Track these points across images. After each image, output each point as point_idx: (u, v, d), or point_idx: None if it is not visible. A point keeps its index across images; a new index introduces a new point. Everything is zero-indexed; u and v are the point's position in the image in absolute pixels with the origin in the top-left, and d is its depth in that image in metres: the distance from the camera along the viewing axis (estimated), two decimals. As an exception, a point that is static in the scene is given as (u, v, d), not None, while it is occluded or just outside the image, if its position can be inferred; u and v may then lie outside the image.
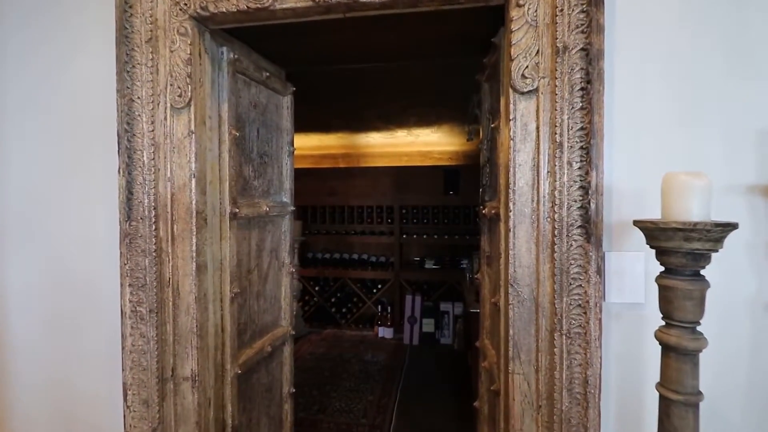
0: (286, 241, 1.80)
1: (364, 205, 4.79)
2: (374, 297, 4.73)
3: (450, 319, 4.30)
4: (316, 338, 4.48)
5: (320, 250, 5.13)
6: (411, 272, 4.63)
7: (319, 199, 4.84)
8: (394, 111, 2.90)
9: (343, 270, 4.75)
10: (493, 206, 1.36)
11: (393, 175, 4.70)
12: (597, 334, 0.92)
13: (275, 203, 1.69)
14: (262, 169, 1.63)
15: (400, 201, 4.67)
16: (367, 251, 5.07)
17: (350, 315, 4.75)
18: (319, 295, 4.84)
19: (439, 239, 4.60)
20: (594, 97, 0.93)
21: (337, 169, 4.85)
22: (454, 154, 5.04)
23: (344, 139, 4.15)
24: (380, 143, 4.49)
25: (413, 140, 4.35)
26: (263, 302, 1.64)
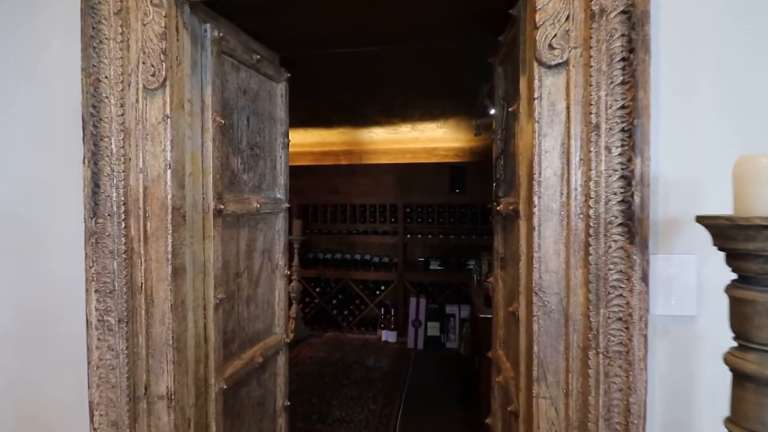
0: (281, 241, 1.66)
1: (366, 204, 4.65)
2: (377, 299, 4.59)
3: (456, 323, 4.15)
4: (317, 342, 4.35)
5: (321, 250, 5.00)
6: (415, 273, 4.48)
7: (321, 197, 4.71)
8: (397, 104, 2.76)
9: (345, 271, 4.61)
10: (509, 202, 1.21)
11: (396, 173, 4.56)
12: (642, 353, 0.78)
13: (268, 199, 1.55)
14: (253, 162, 1.49)
15: (404, 199, 4.52)
16: (370, 251, 4.93)
17: (352, 318, 4.61)
18: (320, 297, 4.71)
19: (444, 239, 4.46)
20: (638, 69, 0.78)
21: (339, 167, 4.71)
22: (460, 151, 4.89)
23: (346, 135, 4.02)
24: (383, 139, 4.35)
25: (417, 136, 4.20)
26: (254, 308, 1.51)
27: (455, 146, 4.80)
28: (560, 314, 0.85)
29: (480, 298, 2.63)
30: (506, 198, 1.33)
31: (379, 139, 4.37)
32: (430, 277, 4.44)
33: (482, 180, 4.39)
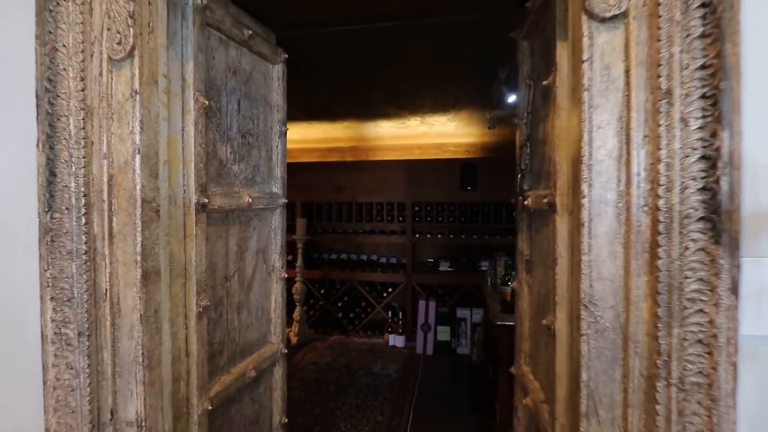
0: (277, 240, 1.51)
1: (373, 202, 4.49)
2: (384, 301, 4.43)
3: (467, 327, 3.97)
4: (321, 346, 4.20)
5: (326, 250, 4.85)
6: (424, 275, 4.31)
7: (325, 195, 4.56)
8: (405, 92, 2.59)
9: (351, 272, 4.46)
10: (540, 195, 1.04)
11: (405, 170, 4.39)
12: (730, 386, 0.60)
13: (262, 194, 1.40)
14: (245, 152, 1.34)
15: (413, 197, 4.35)
16: (377, 252, 4.77)
17: (358, 321, 4.46)
18: (325, 299, 4.57)
19: (455, 239, 4.28)
20: (724, 16, 0.60)
21: (345, 163, 4.56)
22: (471, 147, 4.71)
23: (351, 129, 3.86)
24: (391, 134, 4.19)
25: (427, 130, 4.03)
26: (246, 315, 1.36)
27: (466, 141, 4.62)
28: (617, 333, 0.68)
29: (495, 303, 2.45)
30: (535, 190, 1.15)
31: (387, 134, 4.21)
32: (440, 279, 4.27)
33: (495, 177, 4.21)
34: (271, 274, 1.49)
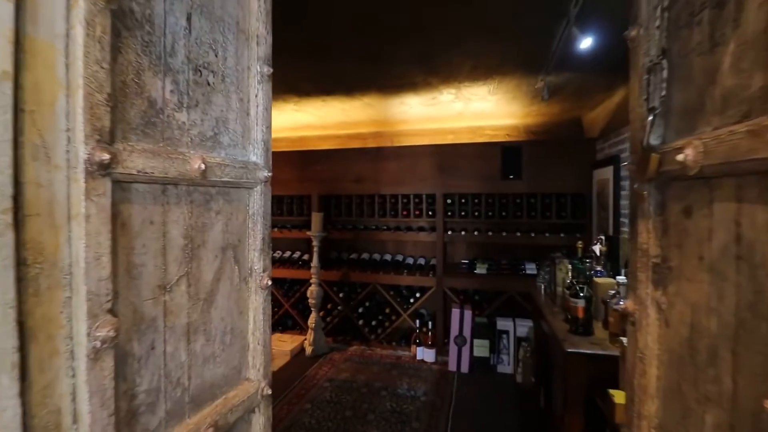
0: (257, 231, 1.07)
1: (398, 195, 4.02)
2: (411, 308, 3.95)
3: (510, 342, 3.43)
4: (339, 358, 3.78)
5: (345, 248, 4.43)
6: (458, 278, 3.79)
7: (344, 186, 4.13)
8: (437, 47, 2.09)
9: (373, 274, 4.01)
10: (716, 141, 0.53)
11: (435, 156, 3.89)
12: None
13: (231, 161, 0.96)
14: (202, 96, 0.91)
15: (444, 188, 3.84)
16: (403, 251, 4.30)
17: (381, 330, 4.00)
18: (344, 304, 4.14)
19: (494, 237, 3.73)
20: None
21: (366, 151, 4.11)
22: (513, 130, 4.14)
23: (372, 108, 3.40)
24: (419, 115, 3.70)
25: (462, 109, 3.51)
26: (204, 344, 0.92)
27: (507, 123, 4.06)
28: None
29: (558, 319, 1.92)
30: (690, 138, 0.64)
31: (414, 115, 3.72)
32: (476, 284, 3.74)
33: (542, 164, 3.63)
34: (247, 280, 1.06)
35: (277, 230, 4.41)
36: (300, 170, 4.25)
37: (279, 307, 4.43)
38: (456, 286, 3.80)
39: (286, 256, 4.49)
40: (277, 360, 3.81)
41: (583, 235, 3.50)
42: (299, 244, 4.53)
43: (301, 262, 4.36)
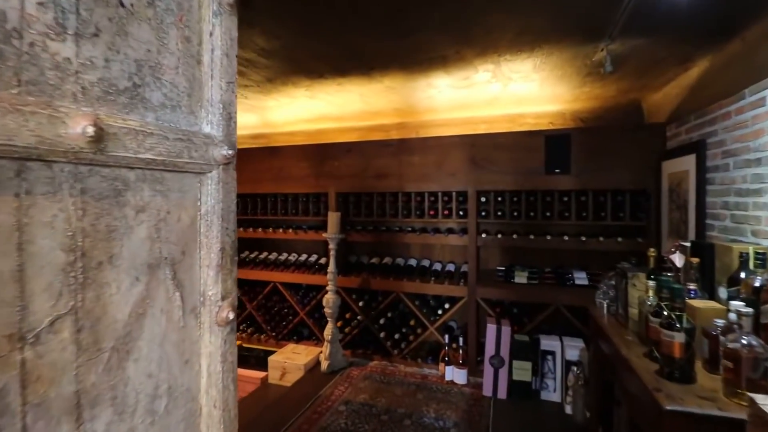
0: (213, 239, 0.73)
1: (424, 192, 3.63)
2: (439, 320, 3.55)
3: (557, 364, 2.97)
4: (358, 374, 3.44)
5: (366, 252, 4.09)
6: (493, 288, 3.36)
7: (365, 183, 3.79)
8: (474, 7, 1.70)
9: (396, 281, 3.64)
10: None
11: (467, 148, 3.48)
12: None
13: (163, 130, 0.63)
14: (108, 20, 0.57)
15: (477, 184, 3.42)
16: (429, 256, 3.91)
17: (405, 344, 3.63)
18: (364, 313, 3.80)
19: (536, 241, 3.28)
20: None
21: (389, 143, 3.75)
22: (558, 117, 3.67)
23: (395, 93, 3.03)
24: (448, 101, 3.30)
25: (498, 92, 3.08)
26: (115, 420, 0.59)
27: (551, 110, 3.59)
28: None
29: (634, 352, 1.48)
30: None
31: (443, 102, 3.33)
32: (514, 294, 3.29)
33: (596, 155, 3.15)
34: (197, 312, 0.72)
35: (292, 231, 4.13)
36: (316, 166, 3.95)
37: (294, 315, 4.14)
38: (491, 296, 3.37)
39: (302, 260, 4.20)
40: (289, 375, 3.52)
41: (646, 240, 2.99)
42: (316, 247, 4.23)
43: (318, 267, 4.06)
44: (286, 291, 4.15)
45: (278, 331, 4.17)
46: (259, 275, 4.21)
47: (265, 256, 4.41)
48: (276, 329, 4.18)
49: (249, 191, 4.24)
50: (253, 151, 4.24)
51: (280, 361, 3.58)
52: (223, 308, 0.73)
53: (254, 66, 2.35)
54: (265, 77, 2.57)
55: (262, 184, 4.17)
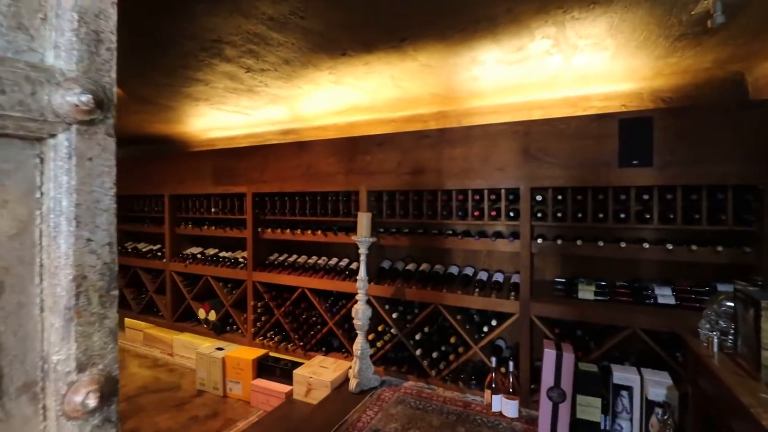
0: (64, 256, 0.40)
1: (467, 189, 3.20)
2: (485, 339, 3.11)
3: (635, 402, 2.44)
4: (390, 396, 3.09)
5: (401, 257, 3.74)
6: (551, 304, 2.87)
7: (399, 180, 3.43)
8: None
9: (435, 290, 3.26)
10: None
11: (519, 137, 3.01)
12: None
13: None
14: None
15: (532, 180, 2.95)
16: (474, 263, 3.48)
17: (445, 364, 3.22)
18: (398, 327, 3.44)
19: (606, 248, 2.74)
20: None
21: (426, 134, 3.37)
22: (634, 97, 3.10)
23: (432, 73, 2.64)
24: (496, 82, 2.86)
25: (559, 69, 2.61)
26: None
27: (625, 89, 3.03)
28: None
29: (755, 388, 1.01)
30: None
31: (489, 84, 2.90)
32: (578, 313, 2.78)
33: (687, 142, 2.57)
34: (34, 395, 0.40)
35: (321, 233, 3.87)
36: (346, 161, 3.65)
37: (323, 324, 3.88)
38: (548, 314, 2.88)
39: (331, 264, 3.92)
40: (315, 392, 3.25)
41: (757, 250, 2.38)
42: (347, 250, 3.94)
43: (348, 272, 3.76)
44: (314, 298, 3.90)
45: (306, 340, 3.92)
46: (287, 280, 4.00)
47: (294, 259, 4.19)
48: (304, 339, 3.94)
49: (277, 190, 4.04)
50: (280, 146, 4.04)
51: (305, 375, 3.32)
52: (79, 387, 0.41)
53: (266, 43, 2.08)
54: (281, 58, 2.30)
55: (290, 182, 3.95)
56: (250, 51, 2.19)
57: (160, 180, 5.09)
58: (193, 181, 4.76)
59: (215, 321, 4.56)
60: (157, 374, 4.24)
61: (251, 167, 4.20)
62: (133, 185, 5.39)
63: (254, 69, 2.50)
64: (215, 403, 3.63)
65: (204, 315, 4.65)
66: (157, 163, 5.14)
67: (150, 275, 5.29)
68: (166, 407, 3.54)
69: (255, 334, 4.24)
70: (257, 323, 4.24)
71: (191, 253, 4.88)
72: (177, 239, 5.03)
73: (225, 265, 4.50)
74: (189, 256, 4.84)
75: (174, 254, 4.95)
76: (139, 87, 2.91)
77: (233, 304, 4.46)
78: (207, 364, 3.82)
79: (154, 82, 2.78)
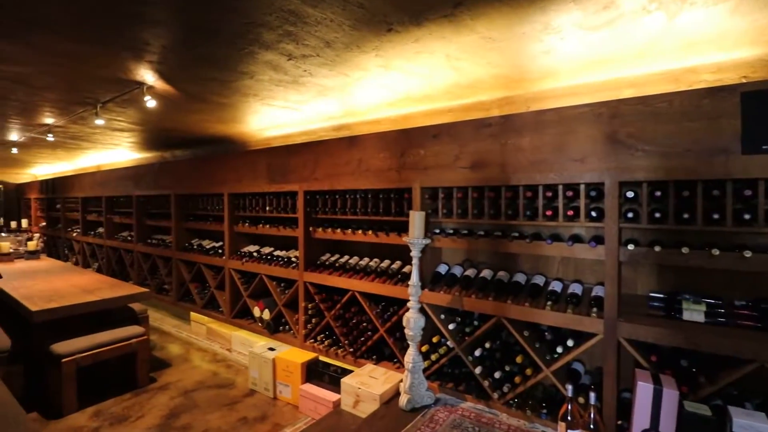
0: None
1: (537, 185, 2.77)
2: (559, 362, 2.67)
3: (768, 462, 1.87)
4: (445, 418, 2.77)
5: (458, 262, 3.39)
6: (647, 325, 2.35)
7: (456, 175, 3.09)
8: None
9: (498, 301, 2.87)
10: None
11: (603, 121, 2.52)
12: None
13: None
14: None
15: (620, 172, 2.44)
16: (545, 271, 3.02)
17: (509, 386, 2.83)
18: (455, 339, 3.11)
19: (723, 257, 2.17)
20: None
21: (486, 122, 2.99)
22: (758, 66, 2.44)
23: (496, 48, 2.27)
24: (573, 58, 2.41)
25: (658, 33, 2.10)
26: None
27: (747, 57, 2.40)
28: None
29: None
30: None
31: (566, 58, 2.45)
32: (682, 338, 2.23)
33: None
34: None
35: (371, 233, 3.66)
36: (398, 156, 3.39)
37: (374, 331, 3.67)
38: (642, 337, 2.36)
39: (383, 266, 3.69)
40: (363, 404, 3.04)
41: None
42: (400, 252, 3.68)
43: (401, 276, 3.51)
44: (365, 302, 3.70)
45: (356, 347, 3.74)
46: (337, 282, 3.85)
47: (345, 260, 4.03)
48: (354, 344, 3.76)
49: (327, 188, 3.90)
50: (330, 143, 3.90)
51: (354, 385, 3.13)
52: None
53: (303, 22, 1.89)
54: (321, 40, 2.10)
55: (341, 180, 3.79)
56: (287, 33, 2.01)
57: (220, 179, 5.25)
58: (249, 179, 4.82)
59: (269, 320, 4.57)
60: (215, 369, 4.33)
61: (302, 165, 4.12)
62: (197, 185, 5.64)
63: (296, 55, 2.33)
64: (265, 404, 3.58)
65: (258, 313, 4.69)
66: (218, 163, 5.30)
67: (212, 271, 5.48)
68: (219, 405, 3.56)
69: (306, 336, 4.15)
70: (308, 325, 4.15)
71: (248, 251, 4.95)
72: (236, 237, 5.14)
73: (278, 264, 4.48)
74: (246, 254, 4.92)
75: (233, 252, 5.07)
76: (188, 83, 2.91)
77: (285, 304, 4.42)
78: (259, 364, 3.80)
79: (200, 76, 2.75)
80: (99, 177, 8.23)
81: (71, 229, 9.26)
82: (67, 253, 9.36)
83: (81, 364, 3.38)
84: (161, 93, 3.11)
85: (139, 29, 2.00)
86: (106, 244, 7.67)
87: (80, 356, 3.38)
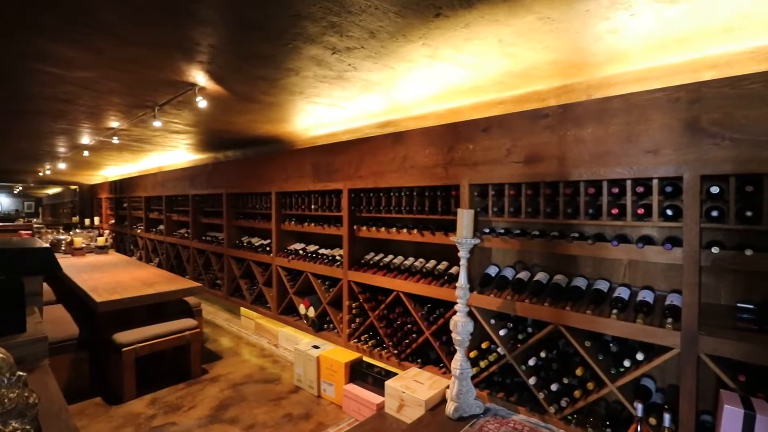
0: None
1: (602, 180, 2.52)
2: (626, 377, 2.41)
3: None
4: (494, 429, 2.61)
5: (510, 263, 3.19)
6: (733, 339, 2.05)
7: (508, 170, 2.91)
8: None
9: (555, 308, 2.66)
10: None
11: (681, 107, 2.24)
12: None
13: None
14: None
15: (702, 165, 2.15)
16: (610, 276, 2.76)
17: (568, 401, 2.61)
18: (507, 346, 2.92)
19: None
20: None
21: (542, 113, 2.78)
22: None
23: (554, 30, 2.08)
24: (644, 38, 2.16)
25: (748, 3, 1.81)
26: None
27: None
28: None
29: None
30: None
31: (635, 39, 2.20)
32: (780, 356, 1.92)
33: None
34: None
35: (417, 232, 3.55)
36: (445, 152, 3.26)
37: (419, 333, 3.56)
38: (728, 353, 2.06)
39: (429, 267, 3.58)
40: (407, 409, 2.95)
41: None
42: (447, 252, 3.55)
43: (448, 277, 3.37)
44: (409, 303, 3.60)
45: (400, 349, 3.65)
46: (381, 281, 3.78)
47: (390, 259, 3.95)
48: (398, 346, 3.67)
49: (371, 186, 3.85)
50: (374, 139, 3.84)
51: (398, 389, 3.04)
52: None
53: (347, 11, 1.82)
54: (366, 30, 2.03)
55: (385, 177, 3.72)
56: (331, 24, 1.96)
57: (268, 178, 5.39)
58: (295, 178, 4.89)
59: (313, 317, 4.60)
60: (262, 364, 4.43)
61: (347, 163, 4.10)
62: (247, 184, 5.83)
63: (340, 48, 2.28)
64: (309, 402, 3.59)
65: (304, 310, 4.74)
66: (266, 162, 5.44)
67: (260, 268, 5.64)
68: (265, 400, 3.62)
69: (350, 335, 4.13)
70: (352, 324, 4.12)
71: (294, 248, 5.03)
72: (283, 235, 5.25)
73: (323, 262, 4.50)
74: (292, 251, 5.00)
75: (280, 249, 5.17)
76: (236, 83, 2.97)
77: (330, 302, 4.43)
78: (304, 361, 3.82)
79: (248, 75, 2.79)
80: (160, 177, 8.80)
81: (136, 226, 10.00)
82: (132, 249, 10.12)
83: (139, 354, 3.58)
84: (212, 94, 3.21)
85: (190, 27, 2.05)
86: (166, 240, 8.17)
87: (139, 346, 3.58)
